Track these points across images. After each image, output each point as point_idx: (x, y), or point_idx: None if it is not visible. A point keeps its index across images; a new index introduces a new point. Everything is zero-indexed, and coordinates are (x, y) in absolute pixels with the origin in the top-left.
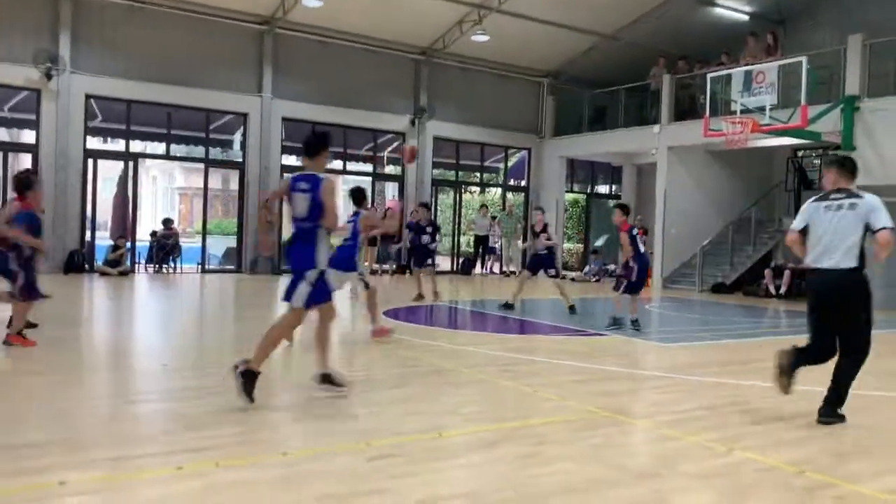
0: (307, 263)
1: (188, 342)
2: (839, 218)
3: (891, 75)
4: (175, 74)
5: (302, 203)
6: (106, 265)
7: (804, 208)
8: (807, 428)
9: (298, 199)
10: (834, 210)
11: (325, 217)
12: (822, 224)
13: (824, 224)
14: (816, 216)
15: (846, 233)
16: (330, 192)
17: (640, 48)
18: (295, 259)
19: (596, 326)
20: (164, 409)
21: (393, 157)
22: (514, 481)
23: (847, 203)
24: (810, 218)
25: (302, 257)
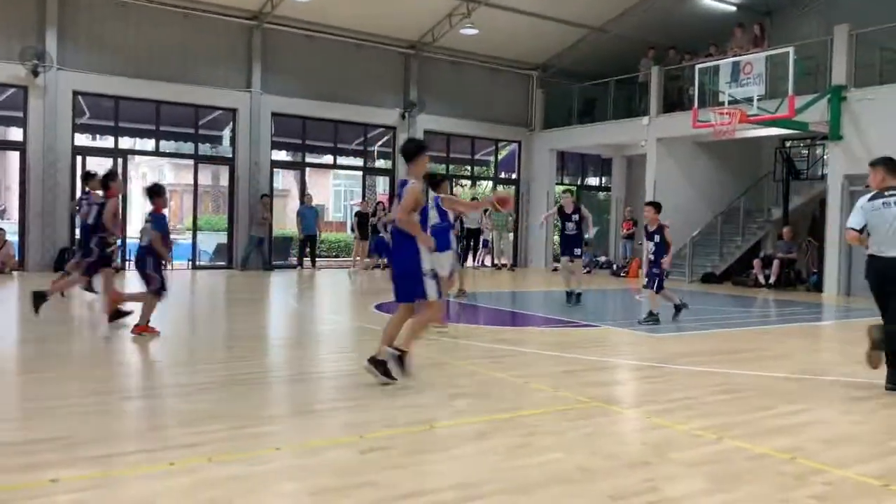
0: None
1: (179, 338)
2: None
3: (876, 65)
4: (163, 70)
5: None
6: None
7: (859, 207)
8: (796, 415)
9: (395, 204)
10: (893, 205)
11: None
12: (884, 219)
13: (886, 218)
14: (874, 213)
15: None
16: (409, 192)
17: (629, 40)
18: (402, 261)
19: (588, 318)
20: (156, 406)
21: (383, 150)
22: (506, 472)
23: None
24: (868, 216)
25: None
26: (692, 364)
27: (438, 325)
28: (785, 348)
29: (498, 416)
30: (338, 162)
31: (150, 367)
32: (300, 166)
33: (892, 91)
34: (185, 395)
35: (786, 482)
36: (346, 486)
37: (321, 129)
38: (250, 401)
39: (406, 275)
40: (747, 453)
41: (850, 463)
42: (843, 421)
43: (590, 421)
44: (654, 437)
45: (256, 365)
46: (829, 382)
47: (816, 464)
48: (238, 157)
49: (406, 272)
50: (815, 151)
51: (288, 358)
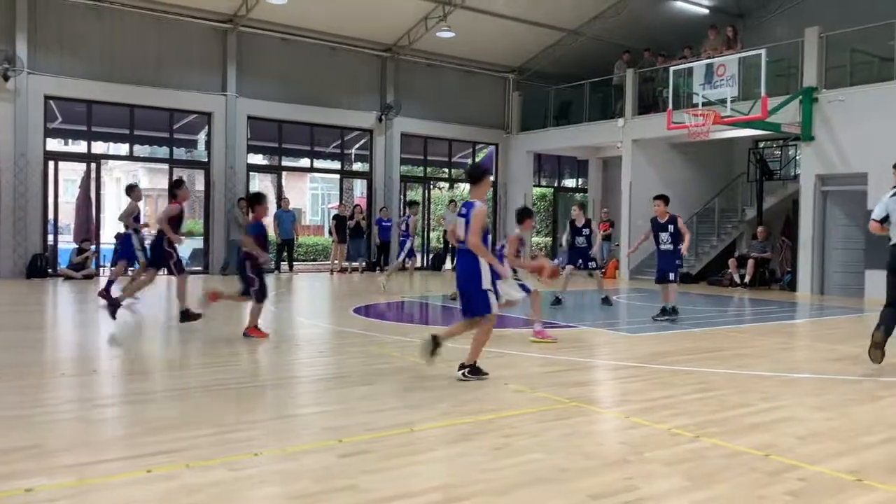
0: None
1: (154, 345)
2: None
3: (847, 67)
4: (137, 74)
5: (462, 226)
6: (70, 268)
7: (883, 201)
8: (771, 413)
9: (460, 223)
10: None
11: (471, 234)
12: None
13: None
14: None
15: None
16: (476, 216)
17: (604, 43)
18: (465, 277)
19: (566, 319)
20: (132, 413)
21: (360, 153)
22: (486, 473)
23: None
24: (889, 209)
25: (472, 275)
26: (670, 363)
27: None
28: (760, 347)
29: (478, 418)
30: (314, 165)
31: (126, 374)
32: (276, 170)
33: (862, 92)
34: (162, 401)
35: (761, 479)
36: (326, 491)
37: (297, 132)
38: (228, 406)
39: (466, 292)
40: (724, 451)
41: (823, 459)
42: (817, 417)
43: (569, 421)
44: (633, 436)
45: (234, 370)
46: (803, 380)
47: (791, 460)
48: (213, 162)
49: (467, 289)
50: (787, 152)
51: (266, 362)
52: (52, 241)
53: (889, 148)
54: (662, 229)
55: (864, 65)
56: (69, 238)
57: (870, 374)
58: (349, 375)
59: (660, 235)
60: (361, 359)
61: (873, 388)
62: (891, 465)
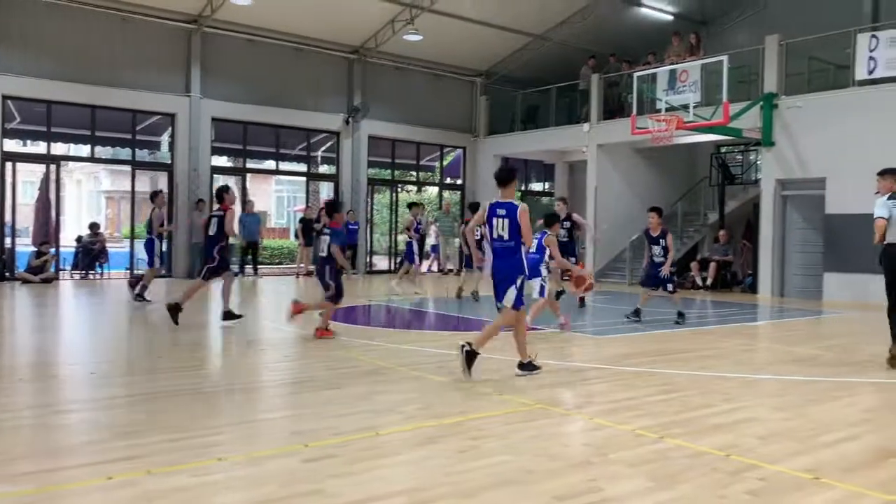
0: (515, 272)
1: (116, 349)
2: None
3: (805, 73)
4: (98, 74)
5: (502, 225)
6: (28, 272)
7: (882, 204)
8: (732, 413)
9: (499, 223)
10: None
11: (524, 236)
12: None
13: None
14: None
15: None
16: (524, 215)
17: (570, 48)
18: (502, 270)
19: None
20: (93, 419)
21: (327, 156)
22: (452, 476)
23: None
24: (889, 211)
25: (510, 268)
26: (634, 365)
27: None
28: (723, 348)
29: (444, 421)
30: (280, 168)
31: (86, 379)
32: (241, 172)
33: (819, 99)
34: (123, 406)
35: (723, 479)
36: (292, 496)
37: (263, 134)
38: (191, 411)
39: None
40: (687, 451)
41: (782, 458)
42: (777, 418)
43: (535, 423)
44: (597, 437)
45: (197, 374)
46: (763, 381)
47: (751, 460)
48: (177, 163)
49: (508, 284)
50: (748, 157)
51: (230, 367)
52: (9, 244)
53: (846, 153)
54: (655, 242)
55: (822, 72)
56: (28, 241)
57: (827, 376)
58: (315, 380)
59: (653, 248)
60: (327, 363)
61: (831, 389)
62: (847, 463)
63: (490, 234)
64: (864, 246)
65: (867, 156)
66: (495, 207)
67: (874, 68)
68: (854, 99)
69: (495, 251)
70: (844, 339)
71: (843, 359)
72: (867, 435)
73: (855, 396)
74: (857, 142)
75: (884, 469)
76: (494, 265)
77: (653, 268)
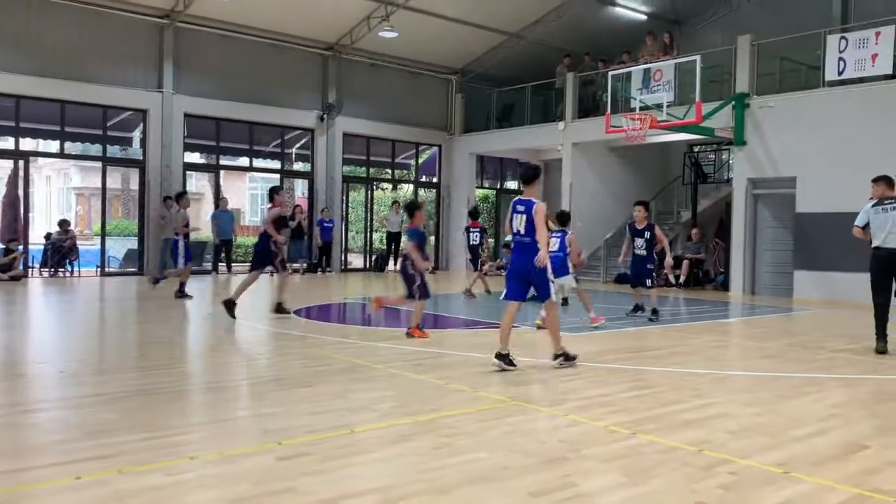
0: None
1: (87, 348)
2: (894, 218)
3: (776, 74)
4: (68, 69)
5: (520, 221)
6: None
7: (865, 210)
8: (704, 409)
9: (518, 219)
10: (890, 210)
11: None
12: (884, 220)
13: (886, 220)
14: (876, 216)
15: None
16: (540, 212)
17: (545, 47)
18: (525, 265)
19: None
20: (62, 418)
21: (301, 153)
22: (426, 473)
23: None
24: (870, 217)
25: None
26: (608, 362)
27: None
28: (695, 345)
29: (419, 419)
30: (254, 164)
31: (55, 378)
32: (214, 169)
33: (790, 99)
34: (93, 405)
35: (695, 473)
36: (265, 494)
37: (236, 130)
38: (163, 410)
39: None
40: (659, 447)
41: (753, 453)
42: (748, 413)
43: (509, 420)
44: (571, 433)
45: (170, 373)
46: (735, 377)
47: (723, 455)
48: (149, 160)
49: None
50: (721, 156)
51: (203, 366)
52: None
53: (815, 153)
54: (639, 235)
55: (793, 73)
56: None
57: (797, 372)
58: (289, 378)
59: (636, 240)
60: (301, 361)
61: (800, 385)
62: (816, 457)
63: (511, 229)
64: (833, 244)
65: (836, 155)
66: (516, 204)
67: (843, 69)
68: (824, 99)
69: (515, 246)
70: (814, 336)
71: (812, 355)
72: (836, 429)
73: (824, 392)
74: (826, 141)
75: (852, 462)
76: (516, 259)
77: (636, 263)
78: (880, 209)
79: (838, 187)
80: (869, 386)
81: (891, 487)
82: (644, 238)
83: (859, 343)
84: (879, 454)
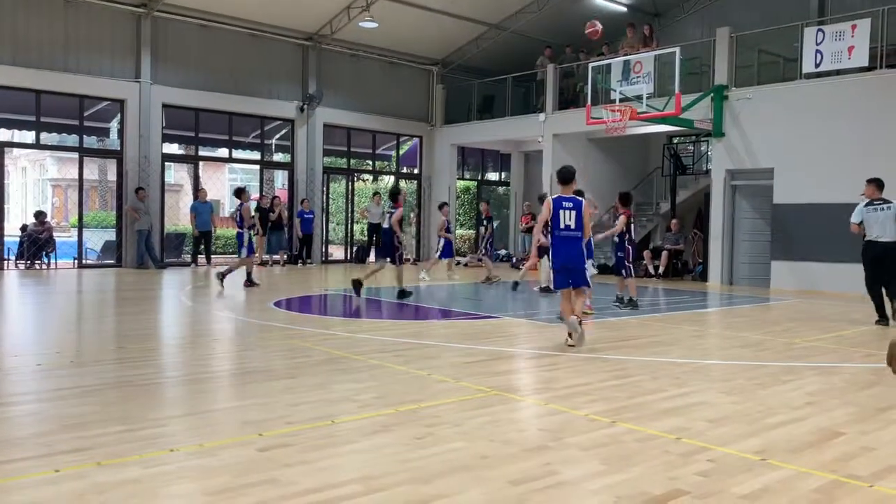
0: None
1: (64, 340)
2: (884, 216)
3: (754, 66)
4: (43, 58)
5: (570, 216)
6: None
7: (858, 210)
8: (683, 398)
9: (565, 214)
10: (880, 210)
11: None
12: (876, 218)
13: (877, 218)
14: (868, 214)
15: (889, 222)
16: (588, 210)
17: (526, 38)
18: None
19: (488, 309)
20: (39, 411)
21: (281, 144)
22: (408, 463)
23: (885, 206)
24: (864, 215)
25: (578, 254)
26: (588, 352)
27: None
28: (674, 335)
29: (400, 409)
30: (233, 155)
31: (32, 371)
32: (193, 160)
33: (768, 91)
34: (71, 398)
35: (674, 461)
36: (245, 485)
37: (215, 121)
38: (142, 403)
39: (578, 269)
40: (639, 435)
41: (731, 440)
42: (726, 401)
43: (490, 409)
44: (552, 422)
45: (149, 365)
46: (713, 366)
47: (701, 442)
48: (126, 151)
49: (580, 267)
50: (699, 148)
51: (182, 358)
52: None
53: (793, 144)
54: None
55: (771, 65)
56: None
57: (774, 360)
58: (269, 369)
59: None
60: (282, 352)
61: (778, 373)
62: (793, 445)
63: (557, 224)
64: (809, 235)
65: (813, 147)
66: (562, 201)
67: (820, 61)
68: (801, 91)
69: (563, 239)
70: (791, 325)
71: (789, 344)
72: (812, 417)
73: (800, 380)
74: (803, 133)
75: (828, 449)
76: (563, 252)
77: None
78: (871, 209)
79: (815, 178)
80: (844, 374)
81: (866, 473)
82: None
83: (835, 332)
84: (855, 440)
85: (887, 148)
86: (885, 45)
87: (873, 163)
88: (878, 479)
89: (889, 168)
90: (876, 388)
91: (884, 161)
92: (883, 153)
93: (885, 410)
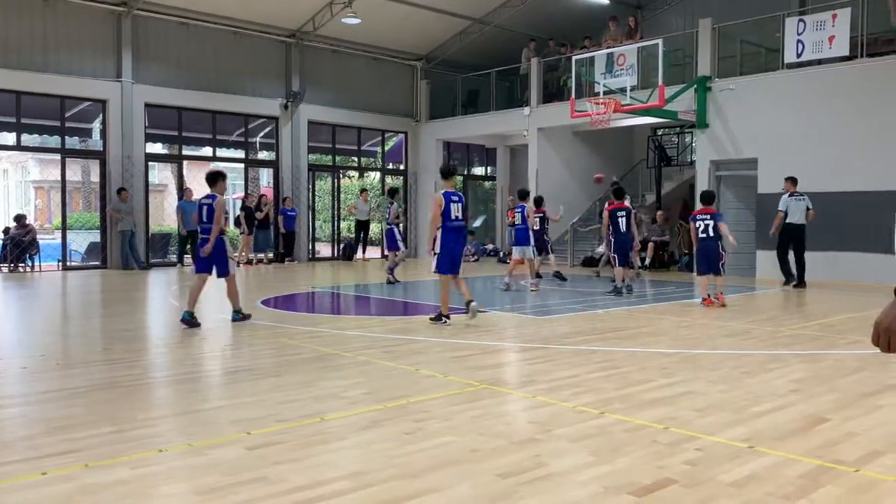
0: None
1: (50, 343)
2: (798, 205)
3: (737, 57)
4: (23, 59)
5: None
6: None
7: (784, 200)
8: (671, 388)
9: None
10: (798, 200)
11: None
12: (796, 207)
13: (797, 207)
14: (791, 204)
15: (802, 209)
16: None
17: (510, 32)
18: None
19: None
20: (26, 414)
21: (266, 142)
22: (397, 458)
23: (800, 198)
24: (788, 205)
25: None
26: (575, 343)
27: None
28: (661, 325)
29: (389, 405)
30: (217, 154)
31: (18, 374)
32: (177, 159)
33: (751, 82)
34: (58, 400)
35: (662, 450)
36: (235, 484)
37: (199, 120)
38: (130, 403)
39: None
40: (627, 425)
41: (718, 429)
42: (712, 391)
43: (479, 403)
44: (541, 415)
45: (136, 366)
46: (700, 355)
47: (689, 431)
48: (109, 151)
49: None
50: (684, 139)
51: (170, 358)
52: None
53: (776, 134)
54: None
55: (753, 55)
56: None
57: (760, 349)
58: (258, 368)
59: None
60: (270, 350)
61: (764, 361)
62: (779, 432)
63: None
64: None
65: (796, 137)
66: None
67: (802, 51)
68: (783, 81)
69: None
70: (776, 314)
71: (774, 332)
72: (797, 404)
73: (785, 368)
74: (786, 123)
75: (813, 436)
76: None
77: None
78: (792, 199)
79: (798, 168)
80: (828, 361)
81: (851, 458)
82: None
83: (819, 320)
84: (839, 426)
85: (869, 136)
86: (865, 34)
87: (856, 151)
88: (863, 464)
89: (871, 155)
90: (860, 374)
91: (865, 148)
92: (865, 141)
93: (869, 396)
